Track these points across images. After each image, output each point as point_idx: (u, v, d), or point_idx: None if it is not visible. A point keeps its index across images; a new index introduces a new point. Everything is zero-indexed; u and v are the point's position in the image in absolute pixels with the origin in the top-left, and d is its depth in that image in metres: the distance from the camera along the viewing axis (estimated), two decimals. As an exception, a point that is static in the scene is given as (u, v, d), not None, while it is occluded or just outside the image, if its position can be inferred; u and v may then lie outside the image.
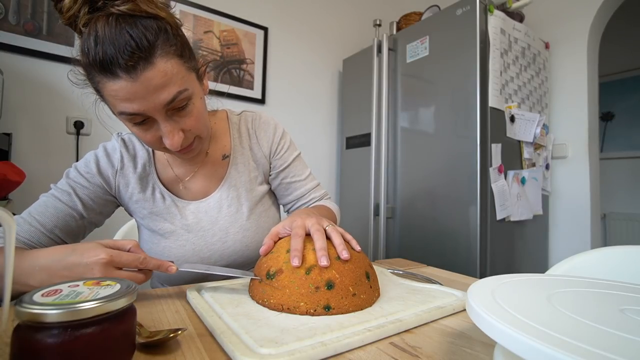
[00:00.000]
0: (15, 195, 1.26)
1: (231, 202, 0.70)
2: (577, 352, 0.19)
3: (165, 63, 0.49)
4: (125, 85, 0.47)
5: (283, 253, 0.48)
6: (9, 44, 1.32)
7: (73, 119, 1.43)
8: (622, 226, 2.84)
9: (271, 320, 0.40)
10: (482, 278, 0.44)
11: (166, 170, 0.68)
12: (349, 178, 2.10)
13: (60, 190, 0.60)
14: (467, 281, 0.67)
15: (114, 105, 0.51)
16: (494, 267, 1.41)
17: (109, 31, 0.45)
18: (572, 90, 1.74)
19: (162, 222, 0.66)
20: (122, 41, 0.46)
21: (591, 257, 0.70)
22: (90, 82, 0.51)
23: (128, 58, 0.46)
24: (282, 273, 0.45)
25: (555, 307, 0.27)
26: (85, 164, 0.63)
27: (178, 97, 0.51)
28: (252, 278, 0.49)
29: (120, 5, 0.46)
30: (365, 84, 1.94)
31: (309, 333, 0.36)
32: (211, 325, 0.38)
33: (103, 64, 0.46)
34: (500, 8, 1.52)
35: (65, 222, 0.59)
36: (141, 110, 0.50)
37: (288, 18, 2.09)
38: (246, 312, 0.42)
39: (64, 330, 0.26)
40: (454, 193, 1.47)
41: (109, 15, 0.46)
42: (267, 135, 0.75)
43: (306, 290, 0.43)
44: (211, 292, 0.50)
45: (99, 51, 0.46)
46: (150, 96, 0.49)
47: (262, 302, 0.45)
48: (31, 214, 0.57)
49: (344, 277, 0.45)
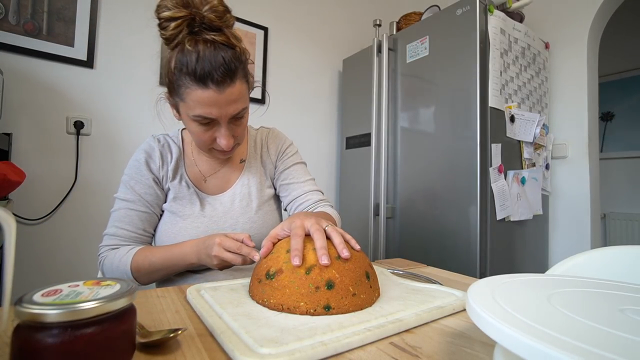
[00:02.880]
0: (15, 195, 1.26)
1: (243, 197, 0.81)
2: (577, 352, 0.19)
3: (240, 84, 0.65)
4: (212, 95, 0.61)
5: (283, 253, 0.48)
6: (9, 44, 1.32)
7: (73, 119, 1.43)
8: (622, 226, 2.84)
9: (271, 320, 0.40)
10: (482, 278, 0.44)
11: (192, 167, 0.80)
12: (349, 178, 2.10)
13: (131, 200, 0.73)
14: (467, 281, 0.67)
15: (193, 108, 0.63)
16: (494, 267, 1.41)
17: (208, 53, 0.60)
18: (572, 90, 1.74)
19: (183, 207, 0.76)
20: (217, 62, 0.60)
21: (591, 257, 0.70)
22: (175, 88, 0.64)
23: (220, 75, 0.60)
24: (282, 273, 0.45)
25: (555, 307, 0.27)
26: (138, 171, 0.75)
27: (242, 111, 0.67)
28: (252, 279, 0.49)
29: (216, 36, 0.62)
30: (365, 84, 1.94)
31: (309, 333, 0.36)
32: (211, 325, 0.38)
33: (200, 76, 0.60)
34: (500, 8, 1.51)
35: (149, 221, 0.74)
36: (215, 116, 0.64)
37: (288, 18, 2.08)
38: (246, 312, 0.42)
39: (64, 330, 0.26)
40: (454, 193, 1.47)
41: (207, 41, 0.61)
42: (275, 143, 0.88)
43: (306, 290, 0.43)
44: (211, 292, 0.50)
45: (199, 66, 0.59)
46: (226, 107, 0.64)
47: (262, 302, 0.45)
48: (121, 226, 0.71)
49: (344, 277, 0.45)
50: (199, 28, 0.61)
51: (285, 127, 1.38)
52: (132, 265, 0.66)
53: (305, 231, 0.50)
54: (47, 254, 1.38)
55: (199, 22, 0.61)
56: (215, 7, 0.61)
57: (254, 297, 0.47)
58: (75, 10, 1.44)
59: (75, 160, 1.44)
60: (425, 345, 0.37)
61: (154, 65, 1.63)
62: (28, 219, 1.34)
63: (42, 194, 1.38)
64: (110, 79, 1.53)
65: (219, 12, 0.61)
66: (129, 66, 1.57)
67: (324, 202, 0.85)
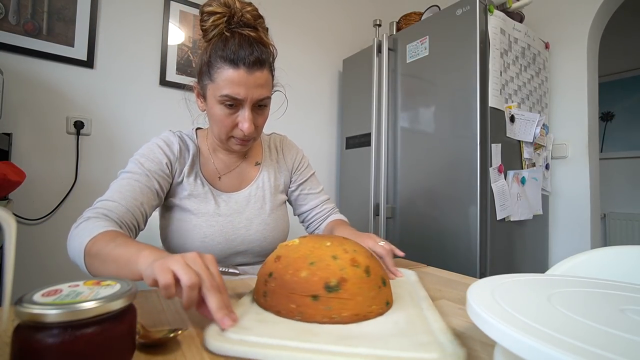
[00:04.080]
0: (15, 195, 1.26)
1: (257, 199, 0.83)
2: (577, 352, 0.19)
3: (268, 74, 0.70)
4: (241, 75, 0.66)
5: (329, 260, 0.44)
6: (9, 44, 1.32)
7: (73, 119, 1.43)
8: (622, 226, 2.84)
9: (365, 332, 0.38)
10: (482, 278, 0.44)
11: (208, 164, 0.80)
12: (349, 178, 2.10)
13: (138, 174, 0.69)
14: (467, 281, 0.67)
15: (222, 88, 0.66)
16: (494, 267, 1.41)
17: (244, 42, 0.66)
18: (572, 90, 1.74)
19: (198, 204, 0.76)
20: (250, 50, 0.66)
21: (591, 257, 0.70)
22: (207, 70, 0.68)
23: (252, 60, 0.66)
24: (346, 282, 0.42)
25: (555, 307, 0.27)
26: (151, 151, 0.73)
27: (265, 99, 0.71)
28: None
29: (250, 32, 0.69)
30: (365, 84, 1.94)
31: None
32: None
33: (234, 58, 0.65)
34: (500, 8, 1.51)
35: (149, 199, 0.69)
36: (241, 96, 0.67)
37: (288, 18, 2.08)
38: (328, 332, 0.38)
39: (64, 330, 0.26)
40: (454, 193, 1.47)
41: (242, 34, 0.68)
42: (292, 154, 0.93)
43: (374, 292, 0.43)
44: (244, 332, 0.37)
45: (234, 50, 0.65)
46: (253, 89, 0.67)
47: (330, 319, 0.40)
48: (122, 192, 0.65)
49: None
50: (236, 25, 0.69)
51: (285, 127, 1.38)
52: (92, 238, 0.53)
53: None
54: (47, 254, 1.38)
55: (237, 20, 0.68)
56: (252, 11, 0.70)
57: (309, 318, 0.40)
58: (75, 10, 1.44)
59: (75, 160, 1.44)
60: (426, 345, 0.37)
61: (154, 65, 1.63)
62: (28, 219, 1.34)
63: (42, 194, 1.38)
64: (110, 79, 1.53)
65: (254, 15, 0.70)
66: (129, 66, 1.57)
67: (335, 210, 0.95)
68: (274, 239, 0.82)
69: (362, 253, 0.48)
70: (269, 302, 0.44)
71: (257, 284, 0.48)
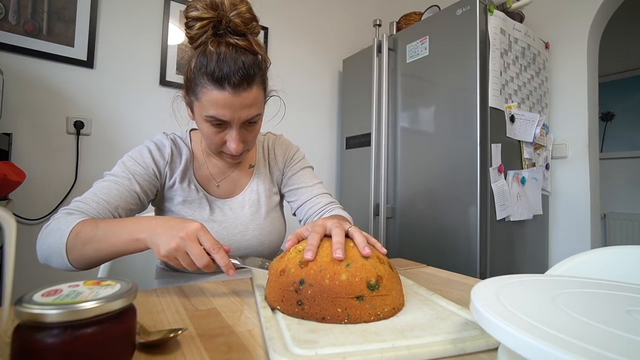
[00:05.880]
0: (15, 195, 1.26)
1: (252, 203, 0.80)
2: (584, 353, 0.19)
3: (257, 90, 0.65)
4: (227, 97, 0.61)
5: (363, 260, 0.44)
6: (9, 44, 1.32)
7: (73, 119, 1.43)
8: (622, 226, 2.84)
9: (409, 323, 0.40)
10: (482, 278, 0.44)
11: (202, 169, 0.78)
12: (349, 178, 2.10)
13: (120, 176, 0.67)
14: (467, 281, 0.66)
15: (207, 109, 0.63)
16: (493, 267, 1.41)
17: (229, 55, 0.61)
18: (572, 90, 1.74)
19: (192, 210, 0.75)
20: (236, 66, 0.61)
21: (591, 257, 0.70)
22: (192, 86, 0.64)
23: (238, 79, 0.61)
24: (382, 279, 0.43)
25: (560, 308, 0.27)
26: (139, 154, 0.72)
27: (255, 117, 0.67)
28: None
29: (239, 40, 0.63)
30: (365, 84, 1.94)
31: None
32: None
33: (218, 77, 0.60)
34: (500, 8, 1.51)
35: (127, 202, 0.67)
36: (227, 118, 0.63)
37: (288, 18, 2.08)
38: (374, 332, 0.38)
39: (64, 330, 0.26)
40: (454, 193, 1.47)
41: (229, 44, 0.62)
42: (282, 150, 0.88)
43: (400, 284, 0.46)
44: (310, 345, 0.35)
45: (218, 67, 0.60)
46: (239, 110, 0.63)
47: (376, 316, 0.41)
48: (96, 194, 0.64)
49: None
50: (224, 31, 0.63)
51: (285, 127, 1.38)
52: (72, 230, 0.55)
53: (325, 230, 0.50)
54: (47, 254, 1.37)
55: (225, 26, 0.62)
56: (242, 13, 0.63)
57: (357, 319, 0.40)
58: (75, 10, 1.44)
59: (75, 160, 1.44)
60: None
61: (154, 65, 1.63)
62: (28, 219, 1.34)
63: (42, 194, 1.38)
64: (110, 79, 1.52)
65: (245, 19, 0.63)
66: (129, 66, 1.57)
67: (334, 205, 0.83)
68: (270, 243, 0.80)
69: (373, 250, 0.49)
70: (308, 310, 0.41)
71: (283, 293, 0.44)
